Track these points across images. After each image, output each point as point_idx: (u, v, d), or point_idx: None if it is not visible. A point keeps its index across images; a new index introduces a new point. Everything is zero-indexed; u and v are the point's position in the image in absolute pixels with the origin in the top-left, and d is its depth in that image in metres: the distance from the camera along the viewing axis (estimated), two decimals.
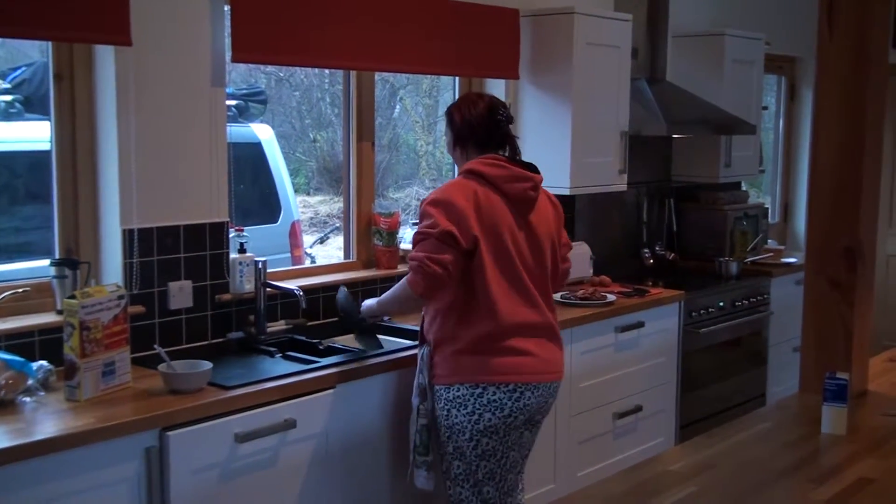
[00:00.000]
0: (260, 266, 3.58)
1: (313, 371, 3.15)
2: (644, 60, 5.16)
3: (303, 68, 7.11)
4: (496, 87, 4.62)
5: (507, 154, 3.27)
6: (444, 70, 4.35)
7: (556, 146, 4.51)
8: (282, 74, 7.98)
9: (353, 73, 4.10)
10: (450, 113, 3.30)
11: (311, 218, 8.73)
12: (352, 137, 4.15)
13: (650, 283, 4.95)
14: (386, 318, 3.81)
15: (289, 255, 6.06)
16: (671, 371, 4.75)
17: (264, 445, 2.92)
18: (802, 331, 2.98)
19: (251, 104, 6.37)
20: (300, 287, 3.66)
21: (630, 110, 4.78)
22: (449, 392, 3.13)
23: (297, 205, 6.46)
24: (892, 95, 6.80)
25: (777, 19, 6.24)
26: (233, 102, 5.99)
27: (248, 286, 3.59)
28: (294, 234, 6.26)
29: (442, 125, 3.35)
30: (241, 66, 6.19)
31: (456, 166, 3.45)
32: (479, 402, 3.09)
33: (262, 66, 6.83)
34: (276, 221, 6.18)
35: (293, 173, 8.05)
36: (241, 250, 3.62)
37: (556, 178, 4.51)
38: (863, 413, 2.79)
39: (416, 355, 3.31)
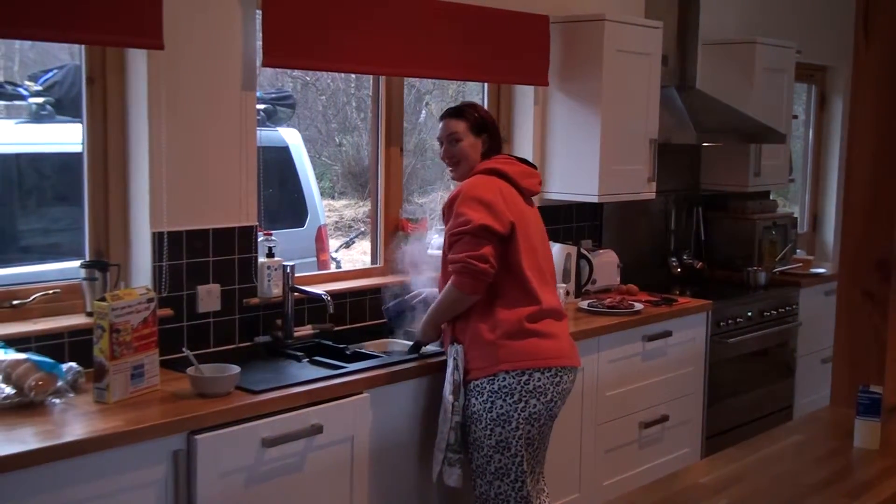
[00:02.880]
0: (288, 270, 3.58)
1: (341, 377, 3.14)
2: (674, 68, 5.13)
3: (330, 73, 7.12)
4: (525, 94, 4.61)
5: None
6: (474, 76, 4.34)
7: (585, 153, 4.49)
8: (308, 78, 8.01)
9: (382, 79, 4.10)
10: (479, 117, 3.41)
11: (336, 222, 8.76)
12: (380, 142, 4.15)
13: (677, 293, 4.92)
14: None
15: (315, 259, 6.07)
16: (698, 381, 4.71)
17: (291, 450, 2.92)
18: (835, 343, 2.95)
19: (279, 108, 6.39)
20: (327, 292, 3.66)
21: (659, 118, 4.76)
22: (493, 383, 3.19)
23: (323, 209, 6.48)
24: None
25: (808, 28, 6.20)
26: (261, 106, 6.02)
27: (276, 290, 3.59)
28: (320, 239, 6.27)
29: None
30: (269, 70, 6.22)
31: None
32: (526, 389, 3.18)
33: (289, 71, 6.86)
34: (302, 226, 6.19)
35: (318, 177, 8.08)
36: (270, 254, 3.62)
37: (585, 186, 4.50)
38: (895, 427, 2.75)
39: (443, 360, 3.33)
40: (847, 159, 2.87)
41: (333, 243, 7.38)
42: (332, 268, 6.21)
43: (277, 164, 6.09)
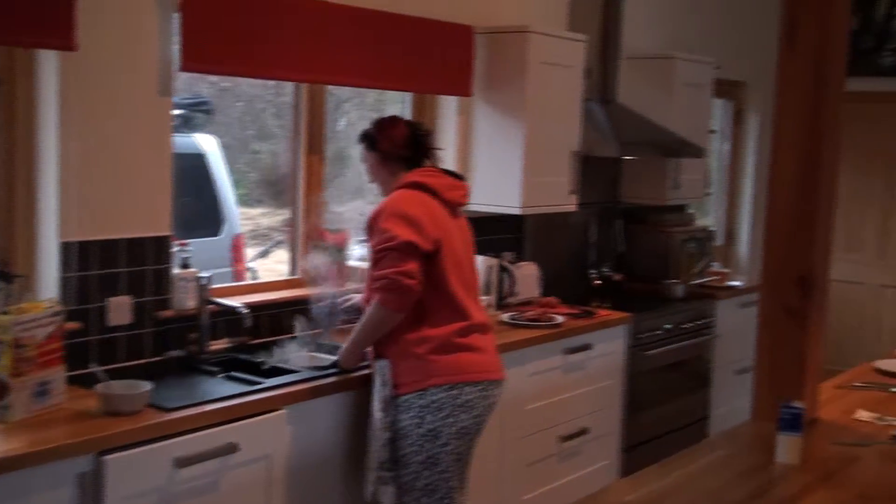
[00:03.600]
0: (204, 282, 3.46)
1: (257, 392, 3.05)
2: (596, 81, 5.14)
3: (247, 79, 6.99)
4: (449, 104, 4.57)
5: (433, 166, 3.42)
6: (397, 85, 4.28)
7: (508, 165, 4.46)
8: (225, 84, 7.86)
9: (303, 86, 4.02)
10: (370, 137, 3.39)
11: (253, 230, 8.61)
12: (301, 150, 4.06)
13: (597, 305, 4.92)
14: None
15: (230, 269, 5.94)
16: (616, 393, 4.72)
17: (205, 470, 2.82)
18: (756, 358, 2.96)
19: (196, 114, 6.25)
20: (245, 304, 3.56)
21: (582, 131, 4.77)
22: (423, 398, 3.14)
23: (239, 218, 6.35)
24: (847, 121, 6.94)
25: (725, 44, 6.30)
26: (177, 112, 5.87)
27: (191, 303, 3.47)
28: (237, 248, 6.14)
29: None
30: (184, 75, 6.07)
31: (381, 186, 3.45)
32: (456, 404, 3.15)
33: (205, 76, 6.71)
34: (218, 234, 6.06)
35: (234, 185, 7.93)
36: (185, 265, 3.51)
37: (508, 198, 4.48)
38: (814, 441, 2.77)
39: (367, 374, 3.27)
40: (770, 175, 2.89)
41: (249, 252, 7.24)
42: (249, 277, 6.09)
43: (193, 171, 5.95)
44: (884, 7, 6.96)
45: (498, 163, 4.50)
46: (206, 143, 6.14)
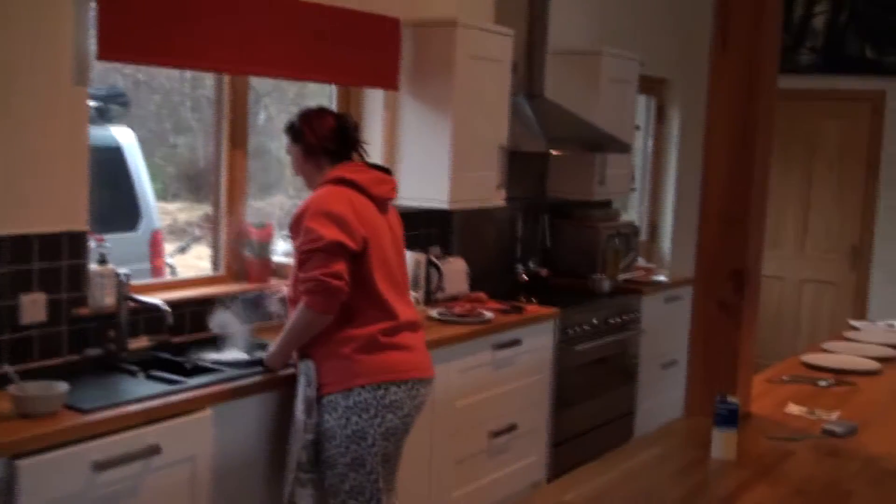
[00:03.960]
0: (122, 279, 3.33)
1: (180, 392, 2.93)
2: (523, 76, 5.11)
3: (164, 71, 6.80)
4: (375, 98, 4.49)
5: (361, 160, 3.34)
6: (321, 77, 4.17)
7: (435, 160, 4.40)
8: (141, 77, 7.64)
9: (225, 78, 3.90)
10: (296, 129, 3.28)
11: (170, 225, 8.40)
12: (223, 144, 3.94)
13: (524, 300, 4.90)
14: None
15: (149, 265, 5.77)
16: (545, 389, 4.70)
17: (125, 474, 2.69)
18: (690, 352, 2.95)
19: (112, 106, 6.05)
20: (166, 301, 3.44)
21: (509, 126, 4.73)
22: (348, 398, 3.05)
23: (157, 213, 6.17)
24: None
25: (648, 40, 6.32)
26: (93, 104, 5.69)
27: (109, 300, 3.33)
28: (155, 244, 5.97)
29: None
30: (99, 67, 5.88)
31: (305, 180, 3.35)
32: (382, 404, 3.07)
33: (121, 67, 6.50)
34: (135, 229, 5.88)
35: (151, 179, 7.73)
36: (102, 261, 3.36)
37: (435, 193, 4.42)
38: (748, 436, 2.76)
39: (292, 373, 3.18)
40: (703, 171, 2.87)
41: (168, 247, 7.06)
42: (167, 273, 5.93)
43: (109, 164, 5.76)
44: (801, 7, 7.08)
45: (425, 158, 4.44)
46: (123, 136, 5.95)
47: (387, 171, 3.36)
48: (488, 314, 4.30)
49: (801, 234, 7.16)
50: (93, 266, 3.33)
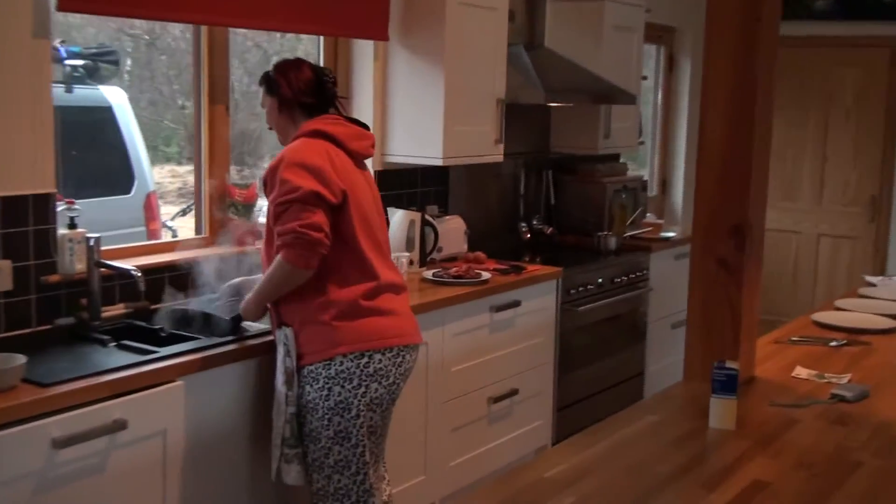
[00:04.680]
0: (92, 243, 3.16)
1: (150, 363, 2.78)
2: (521, 25, 4.89)
3: (172, 31, 6.61)
4: (365, 49, 4.29)
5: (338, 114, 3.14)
6: (307, 28, 3.97)
7: (428, 113, 4.20)
8: (147, 38, 7.45)
9: (203, 29, 3.70)
10: (271, 79, 3.09)
11: (180, 188, 8.26)
12: (203, 100, 3.76)
13: (527, 259, 4.73)
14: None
15: (144, 228, 5.62)
16: (548, 352, 4.52)
17: (89, 450, 2.54)
18: (688, 314, 2.77)
19: (101, 65, 5.86)
20: (143, 266, 3.28)
21: (507, 77, 4.52)
22: (329, 368, 2.89)
23: (152, 175, 6.00)
24: (780, 67, 6.77)
25: None
26: (80, 63, 5.51)
27: (80, 266, 3.17)
28: (150, 207, 5.80)
29: None
30: (105, 28, 5.73)
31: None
32: (366, 373, 2.90)
33: (126, 28, 6.32)
34: (129, 192, 5.72)
35: (165, 142, 7.59)
36: (72, 225, 3.20)
37: (428, 148, 4.23)
38: (751, 402, 2.59)
39: (270, 340, 3.02)
40: (700, 119, 2.67)
41: (172, 210, 6.91)
42: (168, 237, 5.78)
43: (100, 125, 5.60)
44: None
45: (417, 111, 4.24)
46: (114, 96, 5.76)
47: (365, 126, 3.17)
48: (486, 275, 4.13)
49: (818, 187, 6.92)
50: (61, 231, 3.18)
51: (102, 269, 3.20)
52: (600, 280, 4.82)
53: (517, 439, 4.36)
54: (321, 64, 4.26)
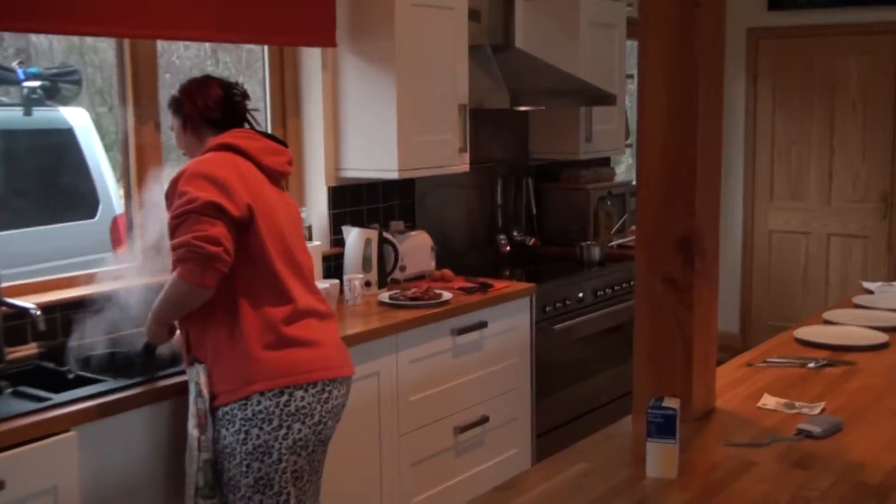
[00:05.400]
0: None
1: (39, 413, 2.50)
2: (488, 25, 4.59)
3: (173, 47, 6.36)
4: (313, 58, 4.01)
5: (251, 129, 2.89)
6: (248, 37, 3.70)
7: (381, 123, 3.91)
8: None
9: (126, 42, 3.44)
10: (175, 99, 2.86)
11: None
12: (129, 118, 3.49)
13: (507, 274, 4.43)
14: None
15: (111, 253, 5.37)
16: (524, 374, 4.21)
17: None
18: (634, 341, 2.45)
19: (62, 85, 5.61)
20: (64, 300, 3.04)
21: (472, 81, 4.22)
22: (246, 408, 2.61)
23: (119, 197, 5.76)
24: (772, 59, 6.40)
25: None
26: (36, 84, 5.27)
27: None
28: (116, 230, 5.55)
29: None
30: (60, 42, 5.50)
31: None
32: (287, 412, 2.62)
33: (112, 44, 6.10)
34: (94, 216, 5.48)
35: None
36: None
37: (383, 161, 3.93)
38: (704, 441, 2.27)
39: (185, 380, 2.73)
40: (637, 122, 2.35)
41: None
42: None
43: (60, 148, 5.36)
44: None
45: (371, 122, 3.95)
46: (76, 117, 5.52)
47: (282, 142, 2.90)
48: (447, 295, 3.82)
49: (826, 184, 6.52)
50: None
51: (3, 308, 2.93)
52: (581, 294, 4.50)
53: (492, 469, 4.04)
54: (266, 76, 3.99)
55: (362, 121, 3.98)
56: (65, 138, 5.41)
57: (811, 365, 2.85)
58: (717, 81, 2.35)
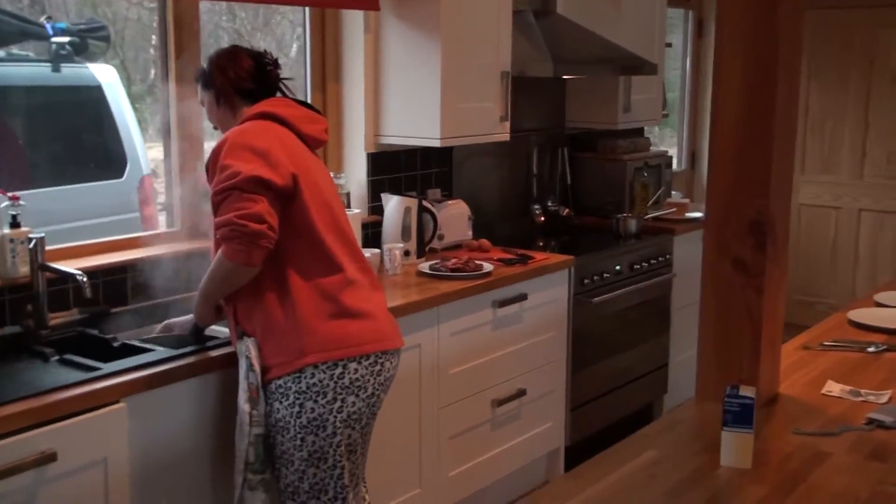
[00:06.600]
0: (33, 245, 2.84)
1: (89, 383, 2.45)
2: None
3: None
4: (355, 21, 3.92)
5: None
6: None
7: (424, 90, 3.84)
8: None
9: (169, 5, 3.37)
10: (205, 72, 2.78)
11: None
12: (171, 78, 3.43)
13: (541, 245, 4.37)
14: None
15: (138, 214, 5.32)
16: (560, 347, 4.16)
17: (9, 488, 2.23)
18: (700, 324, 2.39)
19: (91, 41, 5.53)
20: (99, 267, 2.97)
21: (514, 47, 4.13)
22: (300, 381, 2.56)
23: (146, 157, 5.69)
24: (810, 30, 6.28)
25: None
26: (66, 39, 5.19)
27: (24, 268, 2.87)
28: (144, 191, 5.49)
29: None
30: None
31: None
32: (341, 385, 2.57)
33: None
34: (121, 176, 5.41)
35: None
36: (14, 224, 2.89)
37: (425, 128, 3.86)
38: (772, 429, 2.22)
39: (233, 351, 2.68)
40: (712, 98, 2.28)
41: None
42: (162, 221, 5.48)
43: (88, 105, 5.28)
44: None
45: (413, 88, 3.87)
46: (104, 74, 5.44)
47: (317, 110, 2.85)
48: (488, 266, 3.76)
49: (859, 158, 6.43)
50: (3, 230, 2.86)
51: (47, 273, 2.88)
52: (618, 268, 4.44)
53: (526, 443, 4.01)
54: (307, 40, 3.92)
55: (404, 87, 3.90)
56: (94, 95, 5.33)
57: (871, 350, 2.79)
58: (797, 55, 2.27)
